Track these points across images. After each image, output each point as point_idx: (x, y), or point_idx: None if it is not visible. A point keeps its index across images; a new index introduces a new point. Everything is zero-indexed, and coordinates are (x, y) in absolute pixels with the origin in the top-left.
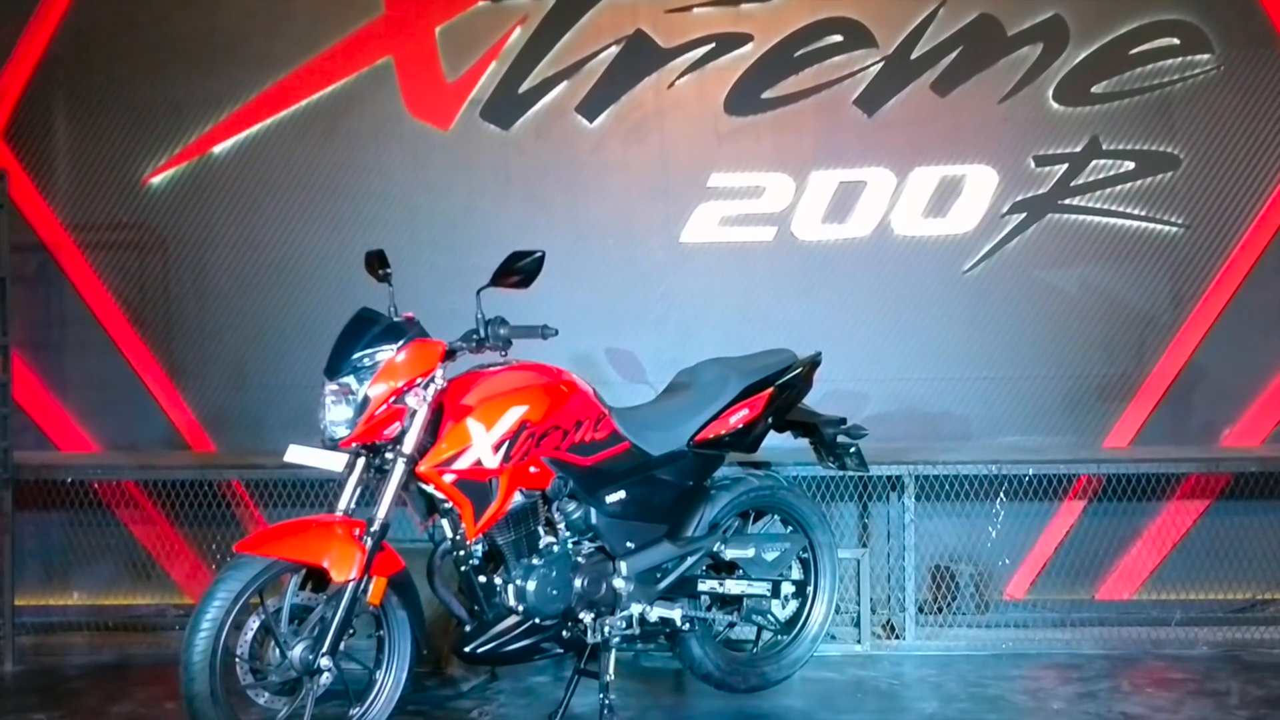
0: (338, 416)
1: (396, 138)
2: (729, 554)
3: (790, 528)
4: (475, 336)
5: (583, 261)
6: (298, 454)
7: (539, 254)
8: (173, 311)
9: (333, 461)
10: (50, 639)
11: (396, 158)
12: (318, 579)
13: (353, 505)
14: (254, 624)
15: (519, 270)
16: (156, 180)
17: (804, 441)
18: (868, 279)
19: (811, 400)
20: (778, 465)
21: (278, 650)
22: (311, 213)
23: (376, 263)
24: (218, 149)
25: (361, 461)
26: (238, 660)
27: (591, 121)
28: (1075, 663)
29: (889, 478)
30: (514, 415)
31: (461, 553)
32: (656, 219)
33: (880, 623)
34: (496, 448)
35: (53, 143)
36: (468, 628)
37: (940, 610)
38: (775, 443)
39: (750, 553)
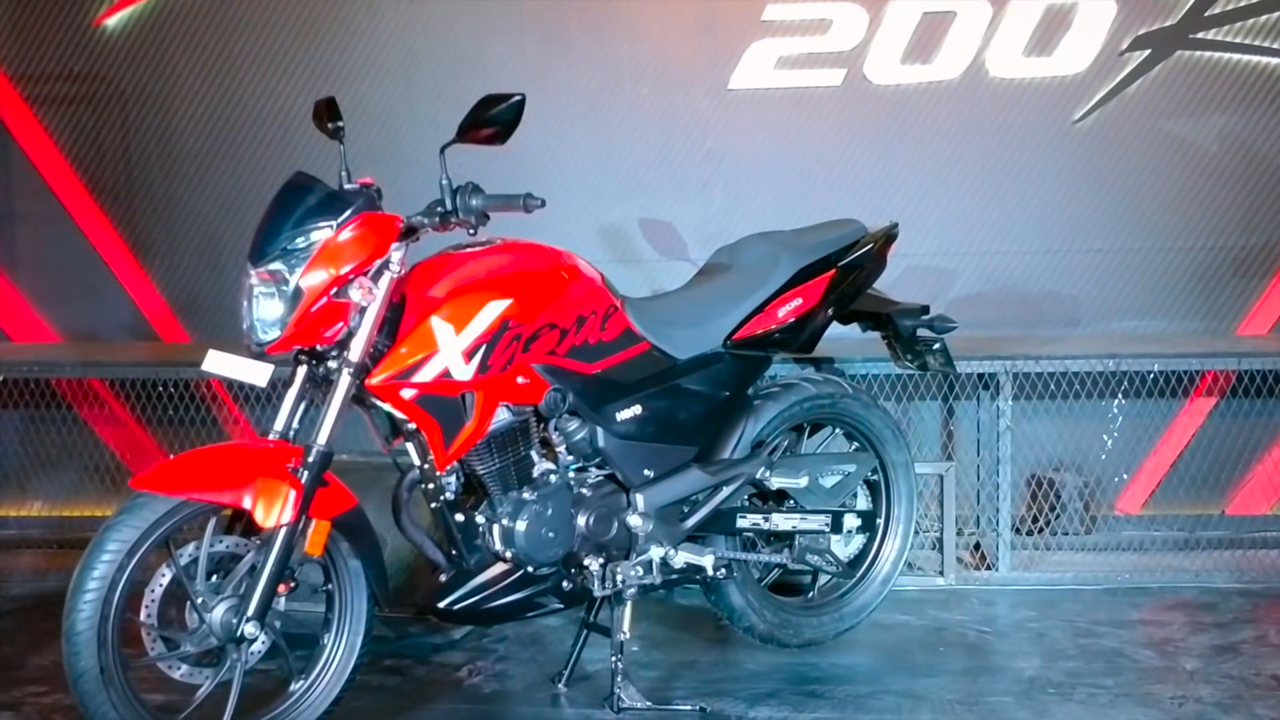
0: (266, 313)
1: None
2: (776, 481)
3: (856, 444)
4: (440, 209)
5: (612, 114)
6: (217, 362)
7: (517, 98)
8: (135, 177)
9: (256, 373)
10: None
11: None
12: (250, 519)
13: (296, 425)
14: (164, 579)
15: (491, 120)
16: (111, 21)
17: (875, 334)
18: (957, 131)
19: (886, 280)
20: (843, 361)
21: (195, 613)
22: (290, 60)
23: (325, 114)
24: None
25: (303, 371)
26: (145, 627)
27: None
28: (1207, 600)
29: (980, 375)
30: (492, 312)
31: (431, 485)
32: (701, 61)
33: (968, 546)
34: (469, 354)
35: None
36: (443, 577)
37: (1040, 530)
38: (840, 332)
39: (803, 479)
